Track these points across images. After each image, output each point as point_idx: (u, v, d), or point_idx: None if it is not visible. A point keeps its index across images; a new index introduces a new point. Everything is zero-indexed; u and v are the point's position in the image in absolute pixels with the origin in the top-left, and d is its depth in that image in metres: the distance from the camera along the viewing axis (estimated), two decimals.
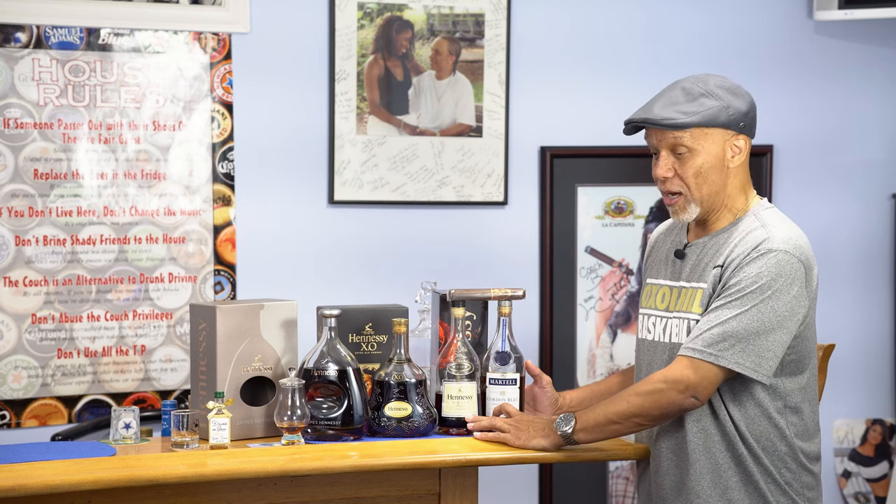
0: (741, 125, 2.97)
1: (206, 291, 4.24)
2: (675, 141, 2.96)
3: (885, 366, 4.86)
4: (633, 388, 2.96)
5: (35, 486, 2.71)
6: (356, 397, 3.07)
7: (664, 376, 2.91)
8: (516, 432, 3.02)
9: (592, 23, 4.57)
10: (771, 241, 2.92)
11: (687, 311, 2.99)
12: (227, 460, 2.89)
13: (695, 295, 2.99)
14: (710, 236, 3.03)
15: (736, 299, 2.89)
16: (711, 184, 2.98)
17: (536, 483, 4.57)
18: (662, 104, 2.97)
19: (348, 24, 4.31)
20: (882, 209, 4.84)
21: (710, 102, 2.95)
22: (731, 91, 2.98)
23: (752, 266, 2.90)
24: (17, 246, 4.06)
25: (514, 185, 4.51)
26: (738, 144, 2.98)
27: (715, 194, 2.99)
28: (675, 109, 2.95)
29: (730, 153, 2.98)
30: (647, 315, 3.12)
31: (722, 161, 2.98)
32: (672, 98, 2.98)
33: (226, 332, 3.06)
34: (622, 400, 2.95)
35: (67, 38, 4.08)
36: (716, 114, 2.95)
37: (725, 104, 2.96)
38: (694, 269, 3.02)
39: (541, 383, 3.28)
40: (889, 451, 4.86)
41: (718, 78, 3.02)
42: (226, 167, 4.25)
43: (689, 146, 2.96)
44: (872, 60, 4.80)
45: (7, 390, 4.06)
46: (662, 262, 3.13)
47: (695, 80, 3.00)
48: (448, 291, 3.23)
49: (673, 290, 3.06)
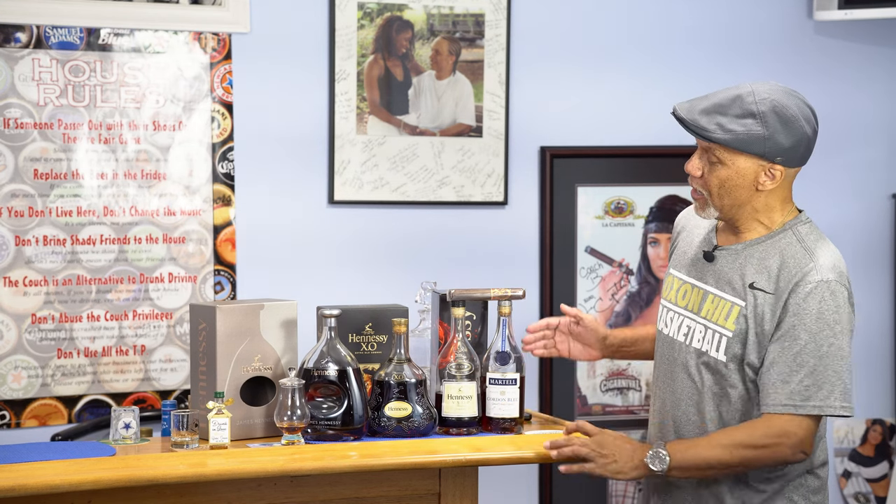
0: (778, 159, 2.86)
1: (206, 291, 4.24)
2: (710, 148, 2.89)
3: (885, 366, 4.86)
4: (736, 438, 2.86)
5: (35, 486, 2.71)
6: (356, 397, 3.07)
7: (773, 432, 2.83)
8: (602, 461, 2.91)
9: (593, 23, 4.56)
10: (819, 270, 2.85)
11: (719, 324, 2.93)
12: (227, 460, 2.89)
13: (727, 309, 2.93)
14: (743, 245, 2.95)
15: (808, 343, 2.83)
16: (735, 198, 2.90)
17: (536, 483, 4.57)
18: (709, 107, 2.87)
19: (348, 24, 4.31)
20: (882, 209, 4.84)
21: (754, 127, 2.84)
22: (786, 121, 2.84)
23: (811, 302, 2.83)
24: (17, 246, 4.06)
25: (514, 185, 4.51)
26: (773, 172, 2.88)
27: (738, 207, 2.92)
28: (716, 120, 2.86)
29: (763, 178, 2.88)
30: (666, 308, 3.07)
31: (752, 182, 2.89)
32: (723, 104, 2.86)
33: (226, 332, 3.06)
34: (725, 449, 2.86)
35: (67, 38, 4.08)
36: (751, 141, 2.84)
37: (767, 135, 2.83)
38: (723, 277, 2.95)
39: (583, 323, 3.26)
40: (889, 451, 4.86)
41: (788, 96, 2.87)
42: (226, 167, 4.25)
43: (719, 158, 2.88)
44: (872, 60, 4.80)
45: (7, 390, 4.06)
46: (689, 257, 3.06)
47: (758, 91, 2.86)
48: (448, 291, 3.23)
49: (695, 291, 3.00)
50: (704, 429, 2.96)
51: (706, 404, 2.96)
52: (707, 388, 2.96)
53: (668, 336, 3.05)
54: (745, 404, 2.93)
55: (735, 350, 2.91)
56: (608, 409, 4.61)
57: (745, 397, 2.93)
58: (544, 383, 4.55)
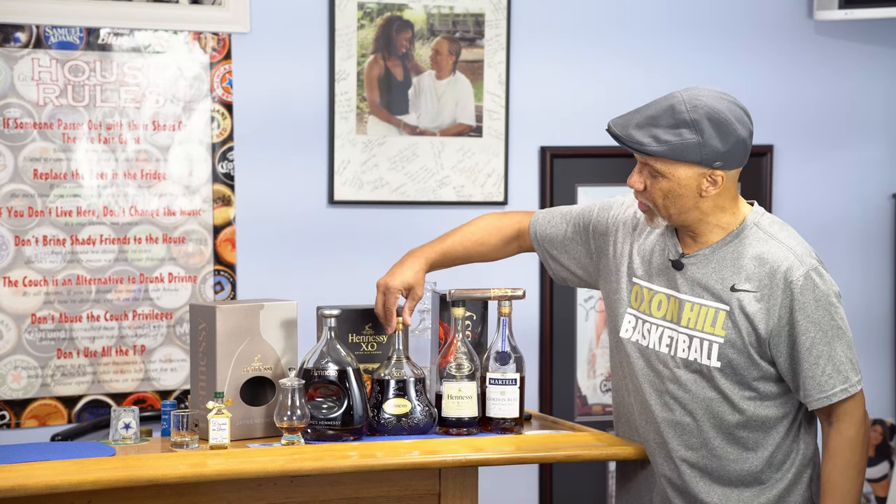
0: (716, 164, 2.86)
1: (206, 291, 4.24)
2: (647, 161, 2.90)
3: (885, 366, 4.86)
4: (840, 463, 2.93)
5: (35, 486, 2.71)
6: (356, 397, 3.06)
7: (848, 427, 2.92)
8: None
9: (593, 23, 4.56)
10: (801, 259, 2.89)
11: (706, 332, 2.94)
12: (227, 460, 2.89)
13: (711, 315, 2.93)
14: (711, 249, 2.95)
15: (816, 334, 2.89)
16: (681, 206, 2.91)
17: (536, 483, 4.57)
18: (642, 120, 2.87)
19: (348, 23, 4.31)
20: (882, 209, 4.84)
21: (688, 136, 2.83)
22: (719, 125, 2.84)
23: (807, 294, 2.87)
24: (17, 246, 4.06)
25: (514, 185, 4.51)
26: (714, 178, 2.88)
27: (686, 212, 2.92)
28: (650, 133, 2.86)
29: (705, 184, 2.88)
30: (639, 318, 3.05)
31: (695, 190, 2.89)
32: (656, 116, 2.87)
33: (226, 332, 3.06)
34: (847, 480, 2.92)
35: (67, 38, 4.08)
36: (687, 150, 2.84)
37: (702, 141, 2.83)
38: (698, 284, 2.95)
39: None
40: (889, 451, 4.86)
41: (720, 101, 2.87)
42: (226, 167, 4.25)
43: (659, 170, 2.88)
44: (872, 60, 4.80)
45: (7, 390, 4.06)
46: (652, 266, 3.05)
47: (690, 99, 2.85)
48: (448, 291, 3.23)
49: (671, 300, 3.00)
50: (703, 435, 2.97)
51: (701, 410, 2.97)
52: (702, 395, 2.96)
53: (646, 347, 3.03)
54: (741, 405, 2.95)
55: (730, 355, 2.92)
56: (608, 409, 4.61)
57: (741, 398, 2.95)
58: (544, 383, 4.55)
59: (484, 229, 3.30)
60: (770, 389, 2.95)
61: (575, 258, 3.23)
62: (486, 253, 3.31)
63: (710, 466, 2.99)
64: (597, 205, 3.21)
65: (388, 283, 3.17)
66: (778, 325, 2.89)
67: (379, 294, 3.17)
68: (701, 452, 2.98)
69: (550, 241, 3.25)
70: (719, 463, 2.98)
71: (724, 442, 2.97)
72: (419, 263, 3.21)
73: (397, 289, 3.16)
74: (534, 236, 3.27)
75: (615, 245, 3.13)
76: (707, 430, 2.97)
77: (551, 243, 3.25)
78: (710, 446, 2.97)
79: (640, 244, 3.09)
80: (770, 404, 2.96)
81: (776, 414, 2.96)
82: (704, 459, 2.99)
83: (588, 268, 3.21)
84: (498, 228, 3.30)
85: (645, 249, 3.07)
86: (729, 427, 2.96)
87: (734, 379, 2.94)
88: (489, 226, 3.30)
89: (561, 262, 3.25)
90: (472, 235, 3.29)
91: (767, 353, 2.92)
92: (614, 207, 3.17)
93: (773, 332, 2.90)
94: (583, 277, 3.24)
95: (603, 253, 3.16)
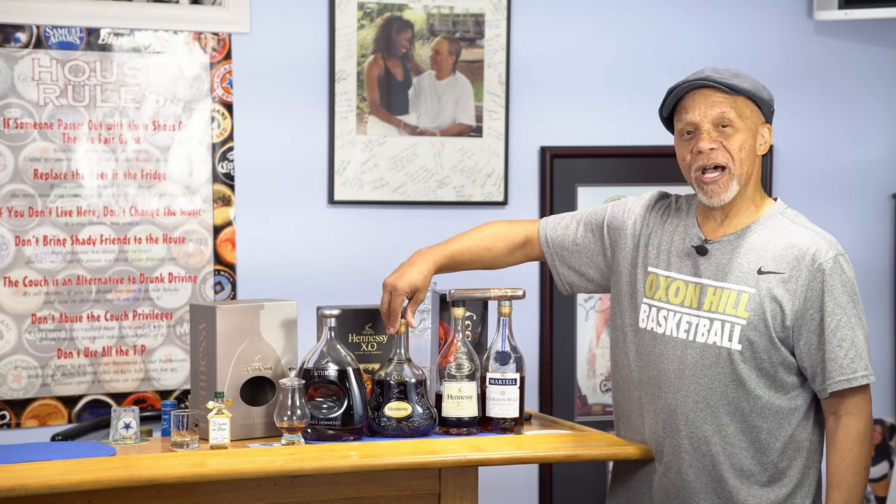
0: (771, 110, 3.04)
1: (206, 291, 4.24)
2: (721, 115, 2.97)
3: (885, 366, 4.86)
4: (849, 458, 2.98)
5: (35, 486, 2.71)
6: (356, 397, 3.07)
7: (857, 422, 3.01)
8: None
9: (592, 23, 4.56)
10: (829, 244, 2.98)
11: (728, 314, 2.97)
12: (227, 460, 2.89)
13: (734, 298, 2.97)
14: (735, 235, 3.01)
15: (842, 317, 2.95)
16: (749, 166, 3.01)
17: (536, 483, 4.57)
18: (710, 72, 3.02)
19: (348, 24, 4.31)
20: (882, 209, 4.84)
21: (749, 79, 3.02)
22: (758, 83, 3.05)
23: (834, 278, 2.95)
24: (17, 246, 4.06)
25: (514, 185, 4.51)
26: (764, 134, 3.03)
27: (748, 177, 3.01)
28: (724, 78, 2.99)
29: (760, 140, 3.03)
30: (655, 307, 3.07)
31: (753, 146, 3.01)
32: (717, 70, 3.02)
33: (226, 332, 3.06)
34: (854, 475, 2.97)
35: (67, 38, 4.08)
36: (759, 88, 3.01)
37: (761, 86, 3.03)
38: (724, 269, 2.99)
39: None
40: (889, 451, 4.86)
41: None
42: (226, 167, 4.25)
43: (732, 120, 2.97)
44: (872, 60, 4.80)
45: (7, 390, 4.06)
46: (671, 254, 3.08)
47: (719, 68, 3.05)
48: (448, 291, 3.23)
49: (691, 286, 3.03)
50: (717, 421, 2.98)
51: (716, 396, 2.99)
52: (718, 380, 2.98)
53: (663, 335, 3.05)
54: (757, 391, 2.97)
55: (752, 337, 2.96)
56: (608, 409, 4.61)
57: (757, 385, 2.97)
58: (544, 383, 4.55)
59: (492, 235, 3.31)
60: (786, 379, 2.98)
61: (587, 257, 3.23)
62: (493, 259, 3.31)
63: (717, 459, 2.99)
64: (609, 204, 3.26)
65: (396, 285, 3.16)
66: (804, 306, 2.94)
67: (385, 294, 3.17)
68: (713, 440, 2.99)
69: (561, 244, 3.26)
70: (731, 450, 2.99)
71: (737, 430, 2.98)
72: (427, 265, 3.22)
73: (405, 290, 3.16)
74: (544, 240, 3.27)
75: (632, 238, 3.16)
76: (721, 417, 2.98)
77: (562, 245, 3.26)
78: (724, 433, 2.98)
79: (656, 234, 3.13)
80: (784, 395, 2.99)
81: (789, 406, 2.99)
82: (715, 447, 2.99)
83: (601, 265, 3.22)
84: (505, 235, 3.31)
85: (662, 239, 3.11)
86: (743, 414, 2.98)
87: (753, 363, 2.96)
88: (497, 232, 3.31)
89: (570, 264, 3.25)
90: (480, 241, 3.30)
91: (790, 338, 2.97)
92: (629, 203, 3.23)
93: (799, 314, 2.95)
94: (593, 278, 3.24)
95: (618, 247, 3.18)
